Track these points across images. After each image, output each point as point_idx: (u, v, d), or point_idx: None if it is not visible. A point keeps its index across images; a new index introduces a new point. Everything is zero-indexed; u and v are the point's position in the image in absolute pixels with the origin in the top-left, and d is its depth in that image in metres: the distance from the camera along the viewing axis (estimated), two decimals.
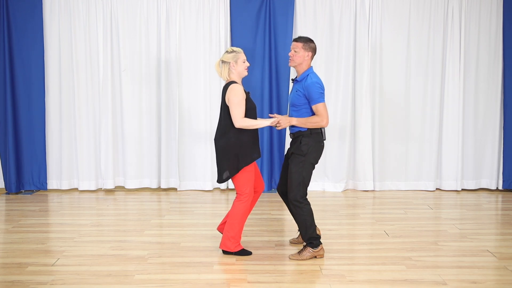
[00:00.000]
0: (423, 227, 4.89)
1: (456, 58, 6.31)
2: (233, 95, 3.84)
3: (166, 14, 6.25)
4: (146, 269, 3.77)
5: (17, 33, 6.15)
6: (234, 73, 3.94)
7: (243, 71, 3.95)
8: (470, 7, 6.31)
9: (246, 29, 6.21)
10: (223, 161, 3.93)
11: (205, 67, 6.32)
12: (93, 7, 6.23)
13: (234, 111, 3.83)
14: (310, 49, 3.94)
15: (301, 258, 3.96)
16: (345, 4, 6.28)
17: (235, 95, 3.83)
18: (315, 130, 3.92)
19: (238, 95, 3.83)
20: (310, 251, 3.97)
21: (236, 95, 3.83)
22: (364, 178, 6.41)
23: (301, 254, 3.98)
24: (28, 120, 6.27)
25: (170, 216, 5.28)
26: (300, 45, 3.92)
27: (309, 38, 3.98)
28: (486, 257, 4.03)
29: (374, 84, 6.37)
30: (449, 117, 6.38)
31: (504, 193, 6.42)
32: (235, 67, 3.92)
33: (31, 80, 6.22)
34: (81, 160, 6.35)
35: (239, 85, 3.91)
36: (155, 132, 6.43)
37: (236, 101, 3.82)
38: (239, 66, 3.93)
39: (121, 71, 6.31)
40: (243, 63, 3.94)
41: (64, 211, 5.49)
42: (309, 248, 3.98)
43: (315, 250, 3.97)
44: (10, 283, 3.49)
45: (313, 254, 3.97)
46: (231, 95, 3.84)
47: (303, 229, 3.98)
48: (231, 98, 3.84)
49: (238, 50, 3.96)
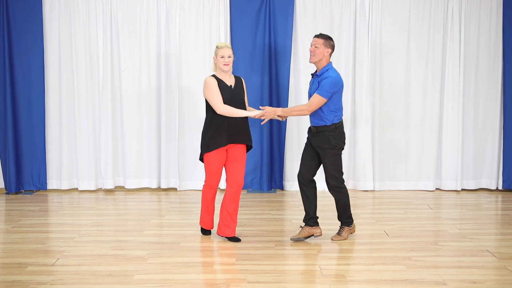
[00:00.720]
0: (423, 227, 4.89)
1: (456, 58, 6.31)
2: (204, 87, 4.21)
3: (166, 14, 6.25)
4: (146, 269, 3.77)
5: (17, 33, 6.15)
6: (218, 67, 4.26)
7: (221, 66, 4.21)
8: (470, 7, 6.31)
9: (246, 29, 6.22)
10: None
11: (205, 67, 6.31)
12: (93, 7, 6.23)
13: (211, 101, 4.18)
14: (330, 46, 4.18)
15: (343, 238, 4.41)
16: (345, 4, 6.28)
17: (206, 87, 4.20)
18: (338, 124, 4.24)
19: (208, 86, 4.19)
20: (347, 229, 4.43)
21: (206, 87, 4.20)
22: (364, 178, 6.41)
23: (341, 234, 4.42)
24: (28, 120, 6.27)
25: (170, 216, 5.28)
26: (321, 41, 4.14)
27: (329, 36, 4.23)
28: (486, 257, 4.03)
29: (374, 84, 6.37)
30: (449, 117, 6.38)
31: (504, 193, 6.42)
32: (215, 61, 4.23)
33: (31, 80, 6.22)
34: (81, 160, 6.35)
35: (211, 77, 4.24)
36: (155, 132, 6.43)
37: (208, 92, 4.19)
38: (218, 61, 4.21)
39: (121, 71, 6.31)
40: (220, 58, 4.19)
41: (64, 211, 5.49)
42: (346, 227, 4.43)
43: (350, 227, 4.45)
44: (10, 283, 3.49)
45: (350, 231, 4.47)
46: (203, 88, 4.23)
47: (343, 210, 4.37)
48: (204, 90, 4.23)
49: (220, 45, 4.22)
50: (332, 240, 4.40)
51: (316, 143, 4.26)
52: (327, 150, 4.21)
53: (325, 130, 4.19)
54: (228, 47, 4.20)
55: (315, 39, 4.18)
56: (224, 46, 4.18)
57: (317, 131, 4.23)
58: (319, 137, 4.22)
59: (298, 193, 6.17)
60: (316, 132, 4.23)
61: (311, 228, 4.37)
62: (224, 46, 4.18)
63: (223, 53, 4.17)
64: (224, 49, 4.17)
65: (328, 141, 4.19)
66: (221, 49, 4.18)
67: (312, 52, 4.16)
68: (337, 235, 4.43)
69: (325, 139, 4.20)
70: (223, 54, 4.17)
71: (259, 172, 6.41)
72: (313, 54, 4.15)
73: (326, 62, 4.19)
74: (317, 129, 4.22)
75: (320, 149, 4.25)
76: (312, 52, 4.15)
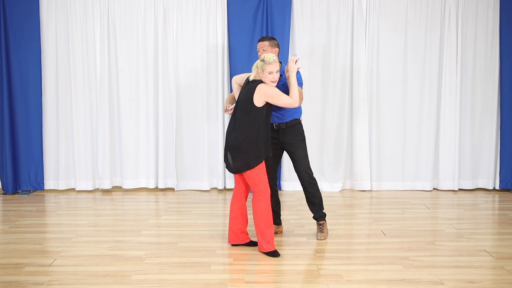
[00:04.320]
0: (420, 227, 4.89)
1: (453, 58, 6.32)
2: (268, 91, 3.92)
3: (163, 14, 6.24)
4: (144, 269, 3.76)
5: (14, 33, 6.14)
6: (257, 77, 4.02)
7: (268, 82, 3.97)
8: (467, 7, 6.32)
9: (243, 29, 6.21)
10: (237, 155, 3.99)
11: (202, 68, 6.32)
12: (90, 7, 6.22)
13: (283, 100, 3.94)
14: (276, 45, 4.34)
15: (326, 233, 4.47)
16: (342, 5, 6.29)
17: (271, 89, 3.93)
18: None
19: (272, 88, 3.94)
20: (325, 223, 4.50)
21: (271, 89, 3.93)
22: (361, 178, 6.42)
23: (323, 231, 4.47)
24: (25, 120, 6.26)
25: (167, 216, 5.28)
26: (266, 43, 4.30)
27: (272, 37, 4.41)
28: (483, 257, 4.04)
29: (371, 84, 6.38)
30: (446, 117, 6.39)
31: (501, 193, 6.44)
32: (262, 76, 3.98)
33: (28, 80, 6.21)
34: (78, 160, 6.34)
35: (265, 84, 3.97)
36: (152, 132, 6.42)
37: (274, 92, 3.92)
38: (264, 76, 3.96)
39: (118, 71, 6.31)
40: (268, 75, 3.94)
41: (61, 211, 5.48)
42: (324, 222, 4.48)
43: (325, 221, 4.52)
44: (7, 284, 3.48)
45: (326, 225, 4.53)
46: (267, 93, 3.91)
47: (319, 204, 4.43)
48: (269, 93, 3.91)
49: (268, 60, 3.93)
50: (319, 239, 4.41)
51: (288, 139, 4.32)
52: (298, 141, 4.32)
53: (296, 123, 4.33)
54: (276, 62, 3.94)
55: (260, 43, 4.33)
56: (273, 62, 3.92)
57: (286, 127, 4.30)
58: (291, 131, 4.32)
59: (296, 193, 6.20)
60: (286, 128, 4.31)
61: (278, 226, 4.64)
62: (273, 62, 3.92)
63: (272, 69, 3.92)
64: (273, 64, 3.91)
65: (300, 132, 4.34)
66: (270, 65, 3.91)
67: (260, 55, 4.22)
68: (320, 233, 4.45)
69: (297, 131, 4.33)
70: (272, 70, 3.92)
71: None
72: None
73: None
74: (286, 125, 4.30)
75: (292, 145, 4.32)
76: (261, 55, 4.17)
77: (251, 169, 3.97)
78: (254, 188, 4.03)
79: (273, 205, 4.50)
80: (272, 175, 4.42)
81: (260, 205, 4.00)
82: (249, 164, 3.96)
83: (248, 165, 3.97)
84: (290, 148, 4.33)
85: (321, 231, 4.46)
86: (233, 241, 4.24)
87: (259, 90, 3.92)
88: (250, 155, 3.96)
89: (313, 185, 4.37)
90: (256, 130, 3.96)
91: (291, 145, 4.33)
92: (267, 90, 3.93)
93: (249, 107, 3.96)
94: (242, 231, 4.21)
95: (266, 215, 4.02)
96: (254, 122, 3.96)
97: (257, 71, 3.99)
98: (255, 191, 4.03)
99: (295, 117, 4.34)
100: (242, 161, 3.98)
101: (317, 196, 4.40)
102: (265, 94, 3.92)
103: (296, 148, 4.31)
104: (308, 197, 4.42)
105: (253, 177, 4.00)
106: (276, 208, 4.55)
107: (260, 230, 4.04)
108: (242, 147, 3.97)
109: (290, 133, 4.32)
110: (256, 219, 4.04)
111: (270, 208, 4.04)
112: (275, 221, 4.59)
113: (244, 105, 3.99)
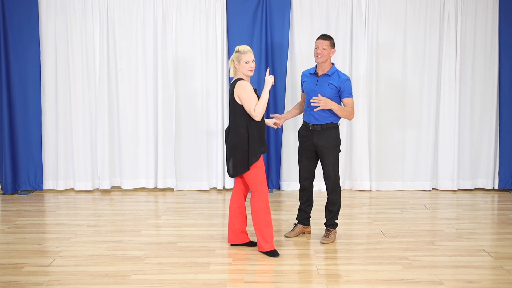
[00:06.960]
0: (420, 227, 4.90)
1: (452, 58, 6.33)
2: (242, 91, 3.90)
3: (163, 14, 6.24)
4: (143, 269, 3.76)
5: (13, 34, 6.13)
6: (239, 72, 3.98)
7: (246, 72, 3.96)
8: (466, 7, 6.32)
9: (243, 29, 6.21)
10: (233, 156, 3.99)
11: (201, 67, 6.31)
12: (89, 7, 6.21)
13: (249, 106, 3.89)
14: (334, 46, 4.36)
15: (331, 240, 4.40)
16: (341, 4, 6.29)
17: (244, 91, 3.89)
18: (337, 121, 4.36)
19: (246, 91, 3.90)
20: (334, 232, 4.46)
21: (245, 91, 3.89)
22: (361, 178, 6.42)
23: (330, 237, 4.41)
24: (24, 120, 6.25)
25: (166, 216, 5.28)
26: (328, 42, 4.28)
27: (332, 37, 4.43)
28: (482, 257, 4.04)
29: (371, 84, 6.38)
30: (445, 116, 6.39)
31: (500, 193, 6.44)
32: (238, 67, 3.96)
33: (27, 80, 6.20)
34: (77, 160, 6.33)
35: (246, 81, 3.96)
36: (151, 132, 6.42)
37: (246, 97, 3.89)
38: (241, 66, 3.95)
39: (118, 71, 6.30)
40: (245, 64, 3.94)
41: (61, 212, 5.48)
42: (333, 230, 4.46)
43: (335, 230, 4.49)
44: (6, 284, 3.48)
45: (335, 233, 4.48)
46: (240, 92, 3.91)
47: (336, 212, 4.42)
48: (241, 95, 3.91)
49: (243, 50, 3.94)
50: (322, 243, 4.35)
51: (321, 142, 4.30)
52: (331, 147, 4.30)
53: (331, 127, 4.30)
54: (251, 51, 3.95)
55: (321, 40, 4.27)
56: (248, 51, 3.92)
57: (321, 129, 4.29)
58: (324, 135, 4.30)
59: (295, 193, 6.18)
60: (321, 130, 4.29)
61: (305, 227, 4.62)
62: (248, 51, 3.92)
63: (248, 58, 3.91)
64: (248, 54, 3.91)
65: (334, 138, 4.31)
66: (244, 54, 3.91)
67: (320, 53, 4.26)
68: (326, 238, 4.41)
69: (331, 136, 4.30)
70: (248, 59, 3.92)
71: None
72: (322, 55, 4.26)
73: (330, 62, 4.36)
74: (322, 127, 4.29)
75: (323, 148, 4.30)
76: (321, 53, 4.26)
77: (249, 169, 3.98)
78: (252, 187, 4.03)
79: (305, 204, 4.52)
80: (307, 175, 4.45)
81: (258, 204, 4.01)
82: (246, 163, 3.96)
83: (245, 165, 3.97)
84: (322, 151, 4.32)
85: (327, 236, 4.43)
86: (232, 241, 4.24)
87: (238, 86, 3.94)
88: (244, 154, 3.96)
89: (336, 192, 4.37)
90: (245, 128, 3.96)
91: (323, 149, 4.31)
92: (242, 86, 3.90)
93: (234, 106, 3.99)
94: (242, 231, 4.22)
95: (265, 215, 4.02)
96: (241, 120, 3.97)
97: (233, 64, 3.98)
98: (254, 190, 4.03)
99: (331, 120, 4.31)
100: (239, 160, 3.98)
101: (336, 203, 4.39)
102: (239, 90, 3.91)
103: (328, 153, 4.30)
104: (328, 202, 4.43)
105: (252, 176, 4.00)
106: (307, 208, 4.54)
107: (259, 230, 4.04)
108: (238, 146, 3.97)
109: (324, 136, 4.30)
110: (255, 218, 4.04)
111: (268, 208, 4.04)
112: (304, 222, 4.58)
113: (230, 105, 4.03)
